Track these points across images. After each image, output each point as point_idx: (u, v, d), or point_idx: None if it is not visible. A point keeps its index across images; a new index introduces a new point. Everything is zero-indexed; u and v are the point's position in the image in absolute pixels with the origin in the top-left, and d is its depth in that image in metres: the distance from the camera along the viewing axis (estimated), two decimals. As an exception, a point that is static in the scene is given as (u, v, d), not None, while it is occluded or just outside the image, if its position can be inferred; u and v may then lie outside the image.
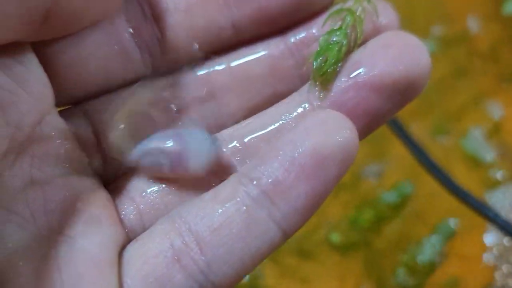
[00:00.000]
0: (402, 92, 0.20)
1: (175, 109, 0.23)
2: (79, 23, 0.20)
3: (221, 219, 0.20)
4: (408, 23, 0.51)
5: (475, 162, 0.45)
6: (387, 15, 0.22)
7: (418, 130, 0.45)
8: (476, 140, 0.45)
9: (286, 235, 0.20)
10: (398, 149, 0.44)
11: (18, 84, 0.19)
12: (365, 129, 0.21)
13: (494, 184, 0.44)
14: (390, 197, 0.45)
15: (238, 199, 0.20)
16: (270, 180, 0.19)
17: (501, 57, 0.50)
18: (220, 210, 0.20)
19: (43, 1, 0.18)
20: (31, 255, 0.19)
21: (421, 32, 0.51)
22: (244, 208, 0.20)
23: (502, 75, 0.49)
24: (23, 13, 0.17)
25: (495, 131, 0.46)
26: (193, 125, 0.22)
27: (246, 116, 0.23)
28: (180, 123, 0.23)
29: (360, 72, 0.20)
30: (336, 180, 0.20)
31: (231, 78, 0.23)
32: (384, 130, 0.44)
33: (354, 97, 0.20)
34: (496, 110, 0.47)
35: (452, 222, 0.43)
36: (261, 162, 0.20)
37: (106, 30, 0.22)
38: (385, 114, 0.21)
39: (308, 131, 0.20)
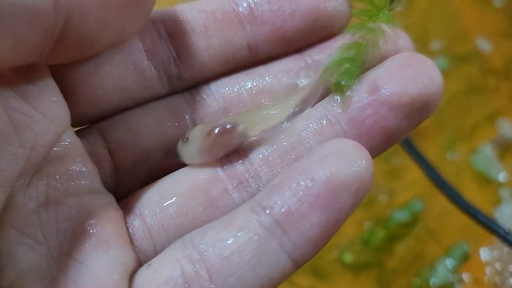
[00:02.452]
0: (418, 111, 0.21)
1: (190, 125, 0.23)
2: (94, 47, 0.20)
3: (233, 247, 0.19)
4: (422, 41, 0.51)
5: (485, 180, 0.45)
6: (401, 38, 0.23)
7: (429, 147, 0.45)
8: (487, 157, 0.45)
9: (297, 265, 0.20)
10: (409, 167, 0.44)
11: (32, 107, 0.19)
12: (381, 147, 0.21)
13: (503, 201, 0.43)
14: (401, 215, 0.44)
15: (251, 228, 0.19)
16: (283, 210, 0.19)
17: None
18: (232, 239, 0.20)
19: (54, 23, 0.18)
20: (41, 277, 0.19)
21: (435, 49, 0.51)
22: (256, 237, 0.19)
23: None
24: (34, 35, 0.17)
25: (506, 149, 0.46)
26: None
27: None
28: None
29: (379, 90, 0.21)
30: (351, 210, 0.19)
31: (248, 95, 0.24)
32: (395, 148, 0.43)
33: (372, 114, 0.21)
34: (508, 128, 0.46)
35: (465, 244, 0.42)
36: (274, 190, 0.20)
37: (121, 49, 0.22)
38: (400, 133, 0.21)
39: (323, 160, 0.19)
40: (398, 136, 0.21)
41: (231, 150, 0.22)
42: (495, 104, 0.48)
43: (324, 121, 0.22)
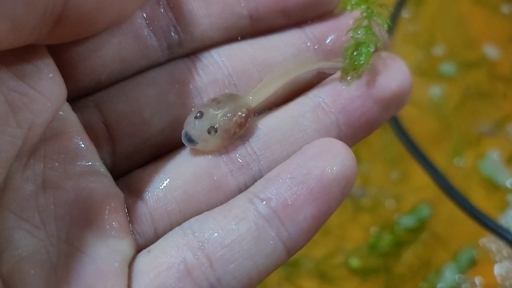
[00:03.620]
0: (396, 104, 0.24)
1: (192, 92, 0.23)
2: (93, 27, 0.20)
3: (233, 236, 0.20)
4: (430, 46, 0.51)
5: (493, 185, 0.45)
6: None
7: (437, 153, 0.45)
8: (495, 163, 0.45)
9: (290, 254, 0.21)
10: (416, 172, 0.44)
11: (29, 85, 0.19)
12: (363, 135, 0.24)
13: (511, 207, 0.43)
14: (408, 221, 0.44)
15: (250, 217, 0.20)
16: (280, 201, 0.20)
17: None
18: (232, 227, 0.20)
19: (53, 4, 0.17)
20: (41, 263, 0.19)
21: (442, 55, 0.51)
22: (255, 227, 0.20)
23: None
24: (33, 17, 0.17)
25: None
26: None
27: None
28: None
29: (367, 84, 0.23)
30: (338, 204, 0.21)
31: (252, 65, 0.24)
32: (402, 153, 0.43)
33: (360, 106, 0.23)
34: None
35: (473, 250, 0.42)
36: (270, 183, 0.21)
37: None
38: (380, 123, 0.24)
39: (316, 157, 0.21)
40: (377, 126, 0.24)
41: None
42: (503, 110, 0.48)
43: (319, 110, 0.23)
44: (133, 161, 0.23)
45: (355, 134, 0.23)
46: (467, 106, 0.48)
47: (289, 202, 0.20)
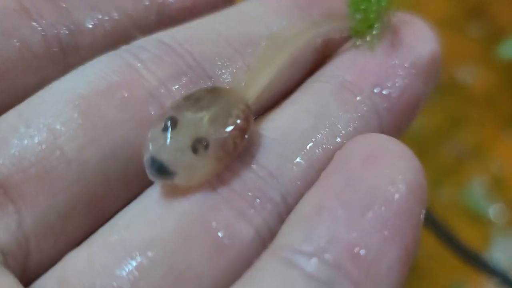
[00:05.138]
0: (434, 73, 0.18)
1: None
2: None
3: None
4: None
5: (475, 216, 0.43)
6: None
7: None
8: (476, 192, 0.43)
9: None
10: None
11: None
12: (407, 124, 0.18)
13: (495, 239, 0.42)
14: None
15: None
16: (343, 250, 0.12)
17: (499, 105, 0.48)
18: None
19: None
20: None
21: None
22: None
23: (500, 124, 0.47)
24: None
25: (495, 183, 0.44)
26: None
27: None
28: None
29: (404, 54, 0.17)
30: (420, 228, 0.14)
31: (228, 44, 0.17)
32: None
33: (399, 79, 0.17)
34: (495, 161, 0.45)
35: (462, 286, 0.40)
36: (313, 223, 0.13)
37: None
38: (424, 99, 0.18)
39: (371, 164, 0.14)
40: (421, 105, 0.18)
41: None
42: (480, 136, 0.47)
43: (346, 93, 0.16)
44: (58, 232, 0.14)
45: (398, 122, 0.17)
46: (443, 133, 0.47)
47: (357, 249, 0.12)
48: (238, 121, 0.14)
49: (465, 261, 0.37)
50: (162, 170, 0.13)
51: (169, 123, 0.13)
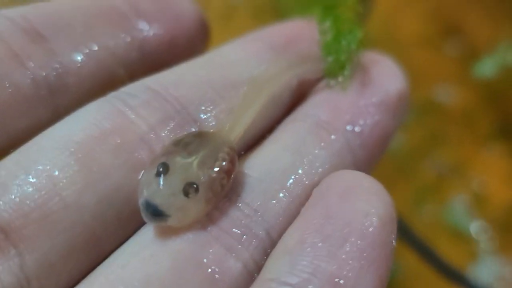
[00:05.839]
0: (402, 107, 0.20)
1: None
2: None
3: None
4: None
5: (457, 234, 0.43)
6: None
7: (397, 202, 0.43)
8: (458, 210, 0.43)
9: None
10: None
11: None
12: (378, 159, 0.19)
13: (478, 257, 0.42)
14: None
15: None
16: (325, 280, 0.13)
17: (477, 123, 0.49)
18: None
19: None
20: None
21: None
22: None
23: (479, 141, 0.48)
24: None
25: (476, 200, 0.44)
26: None
27: None
28: None
29: (370, 91, 0.19)
30: (392, 256, 0.15)
31: (210, 88, 0.19)
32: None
33: (370, 116, 0.18)
34: (475, 178, 0.45)
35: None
36: (296, 256, 0.14)
37: None
38: (393, 133, 0.19)
39: (347, 198, 0.15)
40: (391, 139, 0.19)
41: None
42: (459, 154, 0.47)
43: (321, 132, 0.18)
44: (59, 272, 0.15)
45: (370, 156, 0.18)
46: (422, 152, 0.47)
47: (337, 280, 0.13)
48: (224, 164, 0.15)
49: (447, 279, 0.37)
50: (156, 213, 0.14)
51: (161, 169, 0.15)
